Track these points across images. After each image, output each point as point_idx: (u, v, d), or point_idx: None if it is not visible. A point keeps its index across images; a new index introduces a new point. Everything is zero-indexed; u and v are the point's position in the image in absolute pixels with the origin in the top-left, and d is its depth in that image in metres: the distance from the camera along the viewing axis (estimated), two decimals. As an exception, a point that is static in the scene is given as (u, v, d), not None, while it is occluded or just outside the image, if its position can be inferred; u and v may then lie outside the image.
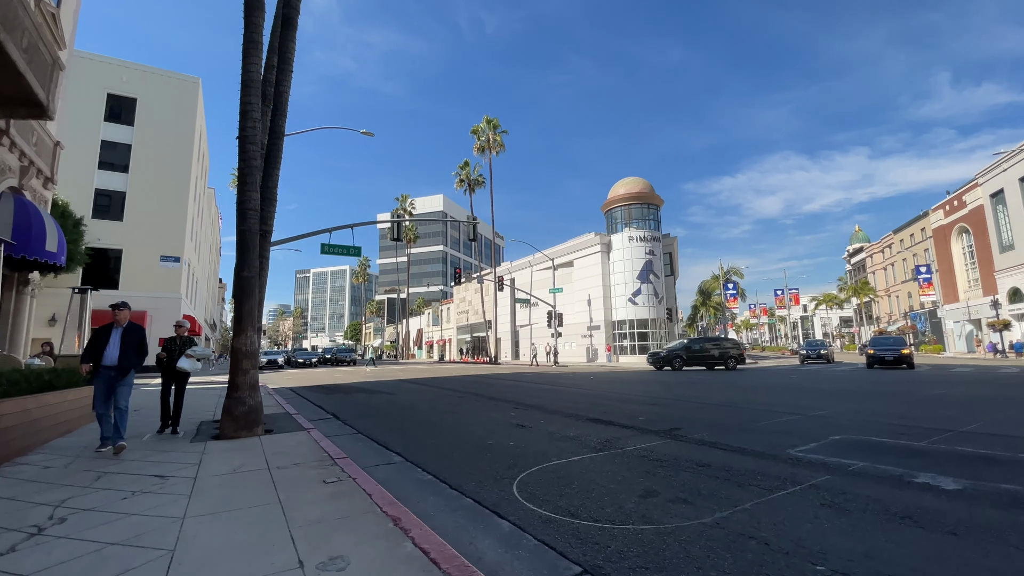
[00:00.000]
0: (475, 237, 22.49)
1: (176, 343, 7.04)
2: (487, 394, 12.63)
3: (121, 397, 5.71)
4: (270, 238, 8.06)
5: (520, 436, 6.59)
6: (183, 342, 7.06)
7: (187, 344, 7.05)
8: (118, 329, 5.89)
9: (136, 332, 6.00)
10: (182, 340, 7.10)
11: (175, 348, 6.95)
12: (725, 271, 54.34)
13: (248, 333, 6.71)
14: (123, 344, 5.75)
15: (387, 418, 8.89)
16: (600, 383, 16.31)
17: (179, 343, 7.04)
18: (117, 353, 5.68)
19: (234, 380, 6.64)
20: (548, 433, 6.76)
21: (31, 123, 12.17)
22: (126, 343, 5.78)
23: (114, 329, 5.89)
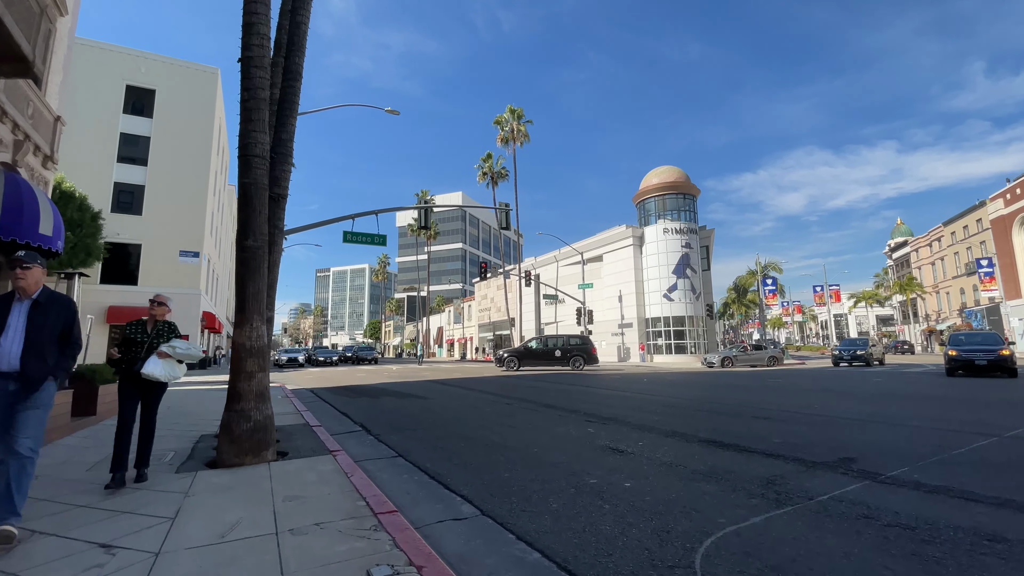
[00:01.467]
0: (508, 225, 20.68)
1: (144, 332, 4.40)
2: (540, 400, 10.80)
3: (23, 431, 3.09)
4: (284, 203, 6.38)
5: (628, 469, 4.74)
6: (159, 331, 4.46)
7: (164, 335, 4.47)
8: (22, 304, 3.26)
9: (57, 311, 3.37)
10: (157, 328, 4.48)
11: (142, 340, 4.33)
12: (763, 265, 51.53)
13: (254, 323, 5.01)
14: (30, 331, 3.19)
15: (428, 432, 7.14)
16: (659, 385, 14.35)
17: (151, 333, 4.41)
18: (18, 348, 3.13)
19: (235, 387, 4.94)
20: (664, 465, 4.89)
21: (25, 92, 10.78)
22: (37, 330, 3.21)
23: (15, 304, 3.26)
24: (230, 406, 4.91)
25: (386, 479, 4.61)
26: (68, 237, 24.56)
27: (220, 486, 4.14)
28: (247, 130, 5.11)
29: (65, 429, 6.43)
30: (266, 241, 5.23)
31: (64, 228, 11.82)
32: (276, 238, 6.17)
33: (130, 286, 29.18)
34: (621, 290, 39.43)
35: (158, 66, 32.29)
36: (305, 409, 9.47)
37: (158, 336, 4.47)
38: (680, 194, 38.86)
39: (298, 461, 5.03)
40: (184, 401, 11.38)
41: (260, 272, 5.10)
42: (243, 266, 5.03)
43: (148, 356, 4.28)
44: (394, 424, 7.96)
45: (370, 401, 11.52)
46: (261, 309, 5.10)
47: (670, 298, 36.96)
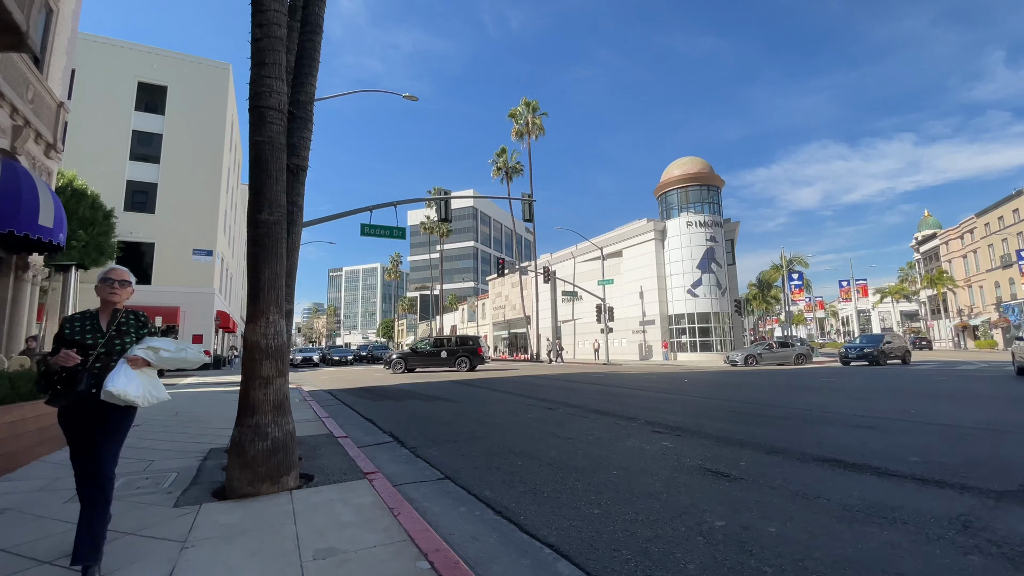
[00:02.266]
0: (531, 217, 19.63)
1: (97, 329, 2.69)
2: (583, 404, 9.74)
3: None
4: (304, 177, 5.40)
5: (754, 504, 3.66)
6: (122, 326, 2.76)
7: (132, 331, 2.78)
8: None
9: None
10: (119, 323, 2.77)
11: (93, 343, 2.64)
12: (788, 260, 49.77)
13: (270, 316, 4.02)
14: None
15: (472, 444, 6.12)
16: (705, 386, 13.20)
17: (109, 330, 2.71)
18: None
19: (248, 396, 3.96)
20: (800, 497, 3.80)
21: (24, 73, 9.98)
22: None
23: None
24: (242, 420, 3.93)
25: (440, 514, 3.59)
26: (80, 235, 24.01)
27: (229, 529, 3.14)
28: (259, 76, 4.11)
29: (56, 442, 5.52)
30: (284, 215, 4.24)
31: (67, 221, 11.02)
32: (295, 217, 5.20)
33: (144, 285, 28.66)
34: (642, 286, 38.14)
35: (169, 62, 31.75)
36: (326, 415, 8.52)
37: (121, 335, 2.73)
38: (704, 186, 37.44)
39: (327, 489, 4.03)
40: (194, 405, 10.52)
41: (277, 253, 4.11)
42: (257, 245, 4.04)
43: (107, 365, 2.62)
44: (429, 434, 6.96)
45: (395, 405, 10.55)
46: (279, 299, 4.11)
47: (694, 294, 35.58)
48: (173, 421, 8.14)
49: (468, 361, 23.26)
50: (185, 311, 28.88)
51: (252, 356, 3.97)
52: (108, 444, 2.75)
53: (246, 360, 4.01)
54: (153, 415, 8.87)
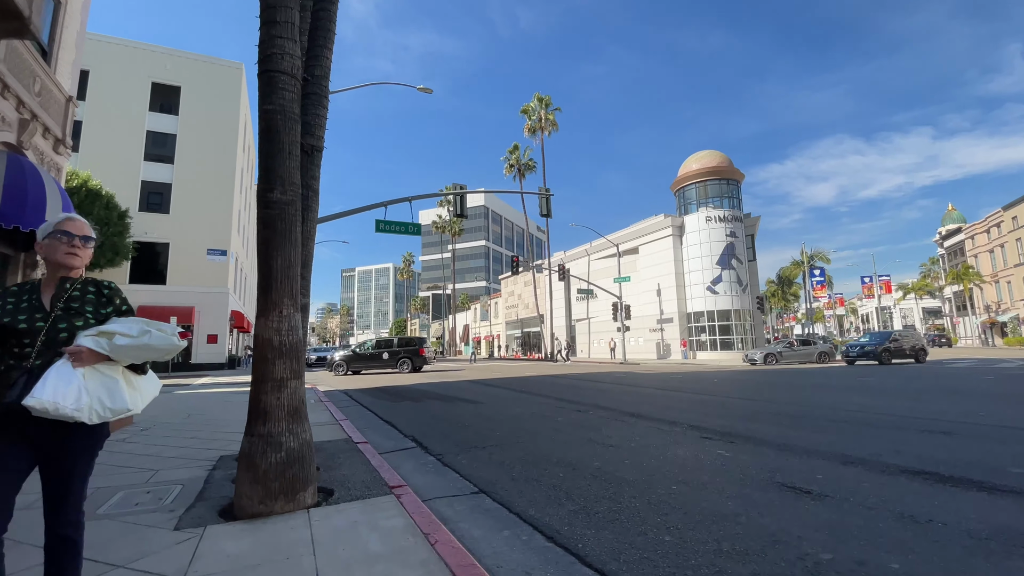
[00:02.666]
0: (548, 212, 19.05)
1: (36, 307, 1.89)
2: (615, 407, 9.16)
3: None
4: (319, 159, 4.91)
5: (857, 530, 3.07)
6: (79, 303, 1.96)
7: (89, 311, 1.96)
8: None
9: None
10: (74, 300, 1.95)
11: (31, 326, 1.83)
12: (809, 255, 48.42)
13: (284, 309, 3.53)
14: None
15: (504, 451, 5.59)
16: (738, 387, 12.53)
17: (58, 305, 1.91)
18: None
19: (258, 401, 3.47)
20: (910, 521, 3.19)
21: (31, 65, 9.67)
22: None
23: None
24: (252, 428, 3.44)
25: (481, 539, 3.06)
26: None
27: (236, 562, 2.64)
28: (270, 36, 3.61)
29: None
30: (298, 195, 3.74)
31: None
32: (311, 202, 4.70)
33: (159, 285, 28.70)
34: (660, 283, 37.32)
35: (183, 63, 31.73)
36: (343, 418, 8.05)
37: (71, 315, 1.92)
38: (723, 179, 36.49)
39: (349, 508, 3.52)
40: (207, 406, 10.15)
41: (291, 238, 3.61)
42: (268, 228, 3.55)
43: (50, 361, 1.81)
44: (454, 438, 6.44)
45: (414, 406, 10.07)
46: (293, 290, 3.61)
47: (714, 291, 34.69)
48: (183, 424, 7.74)
49: (410, 362, 22.92)
50: (200, 311, 28.80)
51: (263, 355, 3.48)
52: (67, 479, 1.91)
53: (257, 360, 3.52)
54: (163, 417, 8.50)
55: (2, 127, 9.05)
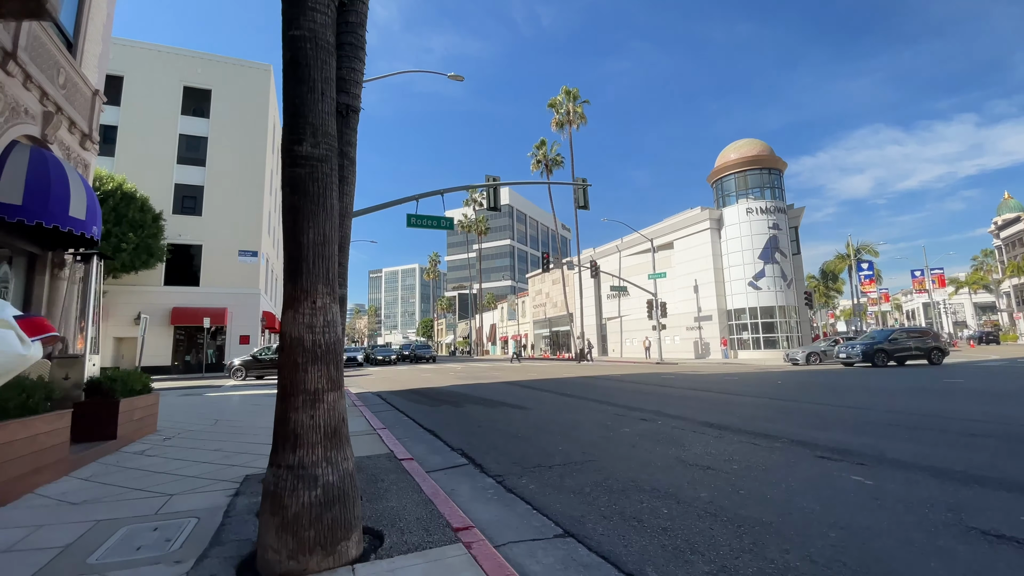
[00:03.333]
0: (586, 204, 18.01)
1: None
2: (685, 414, 8.10)
3: None
4: (356, 121, 4.07)
5: None
6: None
7: None
8: None
9: None
10: None
11: None
12: (855, 248, 45.75)
13: (317, 299, 2.68)
14: None
15: (575, 473, 4.65)
16: (808, 389, 11.26)
17: None
18: None
19: (286, 421, 2.61)
20: None
21: (55, 55, 9.23)
22: None
23: None
24: (279, 457, 2.59)
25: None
26: (130, 238, 24.09)
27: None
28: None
29: (58, 468, 4.42)
30: (334, 148, 2.88)
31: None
32: (347, 173, 3.87)
33: (193, 287, 28.86)
34: (697, 279, 35.69)
35: (213, 66, 31.93)
36: (381, 426, 7.25)
37: None
38: (764, 169, 34.61)
39: (406, 563, 2.63)
40: (235, 411, 9.54)
41: (326, 204, 2.76)
42: (297, 192, 2.70)
43: None
44: (510, 453, 5.53)
45: (455, 411, 9.23)
46: (330, 273, 2.75)
47: (756, 286, 32.90)
48: (209, 432, 7.08)
49: None
50: (232, 312, 28.86)
51: (292, 359, 2.62)
52: None
53: (283, 366, 2.66)
54: (189, 424, 7.88)
55: (24, 119, 8.60)
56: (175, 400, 11.83)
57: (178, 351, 28.34)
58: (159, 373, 26.30)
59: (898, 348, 20.00)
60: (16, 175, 8.05)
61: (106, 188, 23.00)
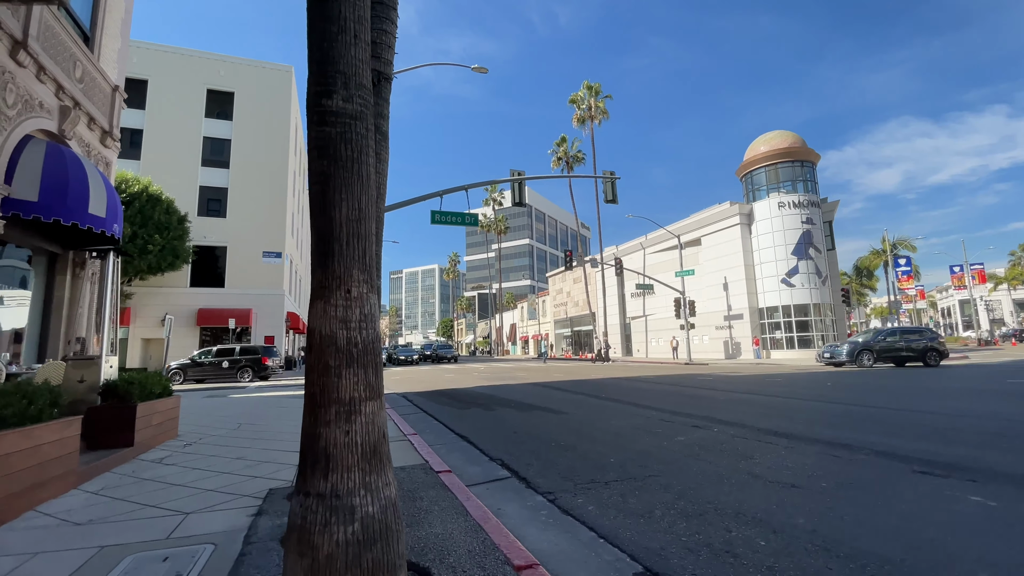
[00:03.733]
0: (614, 197, 17.33)
1: None
2: (740, 420, 7.41)
3: None
4: (388, 89, 3.55)
5: None
6: None
7: None
8: None
9: None
10: None
11: None
12: (892, 244, 43.79)
13: (352, 287, 2.17)
14: None
15: (637, 489, 4.07)
16: (857, 391, 10.39)
17: None
18: None
19: (316, 438, 2.10)
20: None
21: (70, 48, 9.02)
22: None
23: None
24: (307, 483, 2.08)
25: None
26: (156, 240, 24.28)
27: None
28: None
29: (65, 480, 4.02)
30: (370, 105, 2.37)
31: (121, 210, 10.06)
32: (380, 148, 3.35)
33: (218, 288, 29.06)
34: (726, 276, 34.52)
35: (235, 68, 32.15)
36: (412, 431, 6.76)
37: None
38: (796, 162, 33.28)
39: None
40: (259, 414, 9.20)
41: (361, 173, 2.24)
42: (325, 156, 2.19)
43: None
44: (557, 464, 4.97)
45: (486, 415, 8.71)
46: (367, 255, 2.24)
47: (790, 283, 31.61)
48: (232, 437, 6.70)
49: (252, 371, 21.46)
50: (257, 313, 28.96)
51: (323, 361, 2.11)
52: None
53: (313, 369, 2.15)
54: (212, 428, 7.53)
55: (40, 113, 8.37)
56: (199, 402, 11.60)
57: (204, 352, 28.53)
58: (186, 373, 26.50)
59: (887, 349, 19.19)
60: (31, 171, 7.81)
61: (132, 190, 23.21)
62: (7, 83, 7.61)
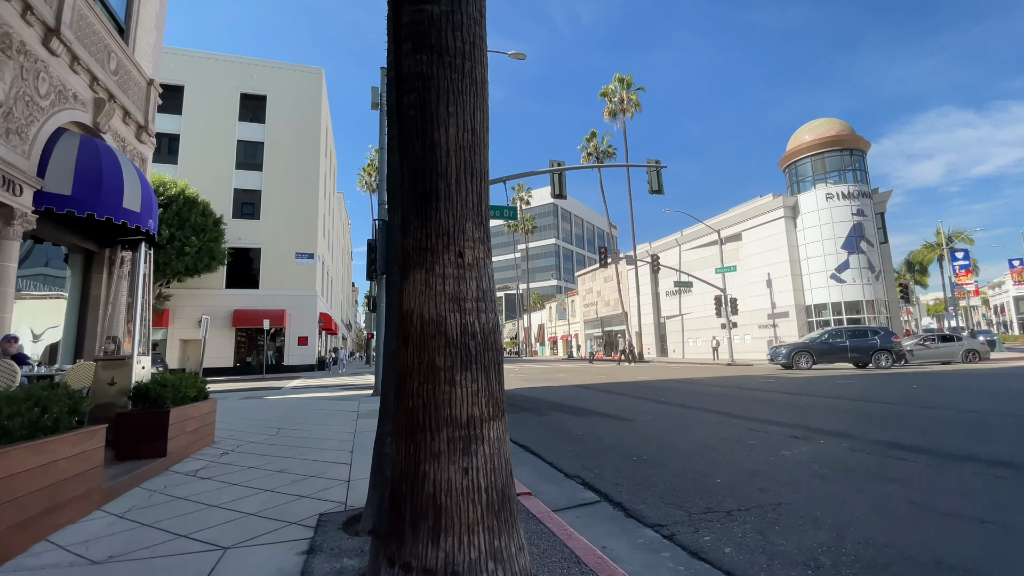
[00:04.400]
0: (660, 188, 16.32)
1: None
2: (852, 432, 6.42)
3: None
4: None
5: None
6: None
7: None
8: None
9: None
10: None
11: None
12: (947, 236, 40.98)
13: (465, 246, 1.42)
14: None
15: (776, 522, 3.22)
16: (963, 394, 9.18)
17: None
18: None
19: (416, 479, 1.36)
20: None
21: (104, 38, 8.69)
22: None
23: None
24: (405, 550, 1.33)
25: None
26: (193, 241, 24.47)
27: None
28: None
29: (87, 501, 3.43)
30: (480, 37, 1.60)
31: (156, 205, 9.70)
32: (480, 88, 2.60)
33: (253, 290, 29.21)
34: (770, 272, 32.82)
35: (267, 71, 32.38)
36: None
37: None
38: (844, 150, 31.35)
39: None
40: (298, 415, 8.65)
41: (474, 76, 1.49)
42: (424, 47, 1.43)
43: None
44: (649, 484, 4.15)
45: (540, 421, 7.93)
46: (482, 202, 1.47)
47: (840, 279, 29.75)
48: (271, 445, 6.11)
49: None
50: (291, 314, 29.00)
51: (428, 360, 1.36)
52: None
53: (410, 372, 1.40)
54: (249, 433, 6.99)
55: (73, 104, 8.02)
56: (236, 404, 11.22)
57: (239, 352, 28.73)
58: (221, 374, 26.67)
59: (829, 350, 18.81)
60: (65, 164, 7.44)
61: (169, 193, 23.43)
62: (39, 72, 7.26)
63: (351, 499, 3.81)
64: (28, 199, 6.79)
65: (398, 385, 1.44)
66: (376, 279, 14.40)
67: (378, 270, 13.82)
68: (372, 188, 45.84)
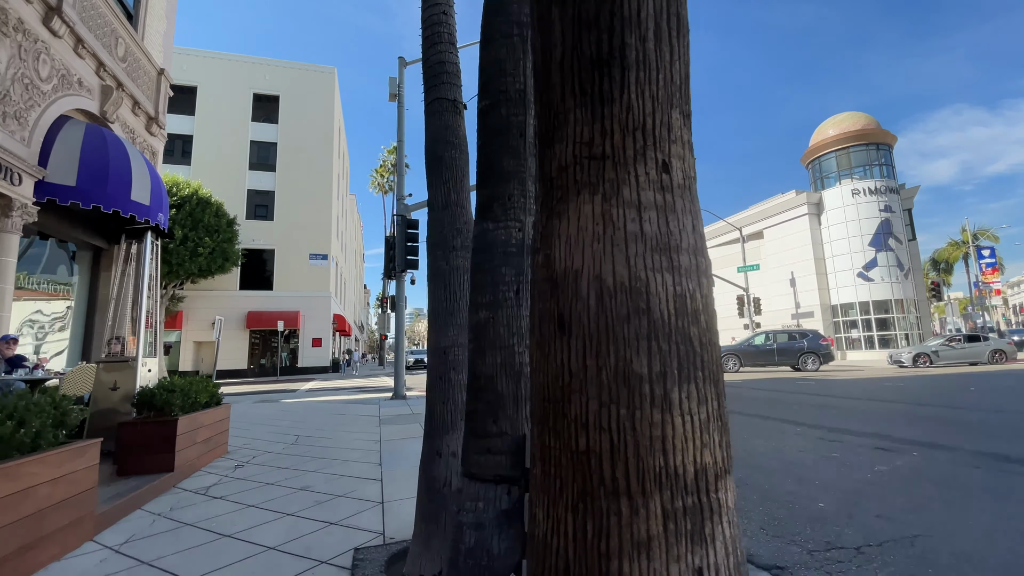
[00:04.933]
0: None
1: None
2: (951, 443, 5.66)
3: None
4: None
5: None
6: None
7: None
8: None
9: None
10: None
11: None
12: (973, 234, 39.49)
13: (668, 146, 0.76)
14: None
15: (939, 571, 2.54)
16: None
17: None
18: None
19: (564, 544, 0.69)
20: None
21: (111, 23, 8.23)
22: None
23: None
24: None
25: None
26: (207, 242, 24.14)
27: None
28: None
29: (77, 530, 2.85)
30: None
31: (167, 198, 9.20)
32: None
33: (267, 291, 28.90)
34: (793, 271, 31.78)
35: (279, 71, 32.13)
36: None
37: None
38: (870, 145, 30.25)
39: None
40: (316, 421, 8.06)
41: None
42: None
43: None
44: (741, 510, 3.49)
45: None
46: (688, 74, 0.82)
47: (867, 277, 28.64)
48: (289, 455, 5.52)
49: None
50: (305, 315, 28.63)
51: (614, 361, 0.72)
52: None
53: (567, 378, 0.76)
54: (265, 442, 6.41)
55: (79, 91, 7.54)
56: (250, 409, 10.71)
57: (253, 354, 28.41)
58: (235, 376, 26.36)
59: (757, 353, 19.47)
60: (69, 153, 6.94)
61: (183, 193, 23.15)
62: (40, 53, 6.77)
63: (389, 527, 3.20)
64: (28, 189, 6.30)
65: (546, 404, 0.80)
66: (396, 277, 13.87)
67: (396, 267, 13.30)
68: (385, 189, 45.40)
